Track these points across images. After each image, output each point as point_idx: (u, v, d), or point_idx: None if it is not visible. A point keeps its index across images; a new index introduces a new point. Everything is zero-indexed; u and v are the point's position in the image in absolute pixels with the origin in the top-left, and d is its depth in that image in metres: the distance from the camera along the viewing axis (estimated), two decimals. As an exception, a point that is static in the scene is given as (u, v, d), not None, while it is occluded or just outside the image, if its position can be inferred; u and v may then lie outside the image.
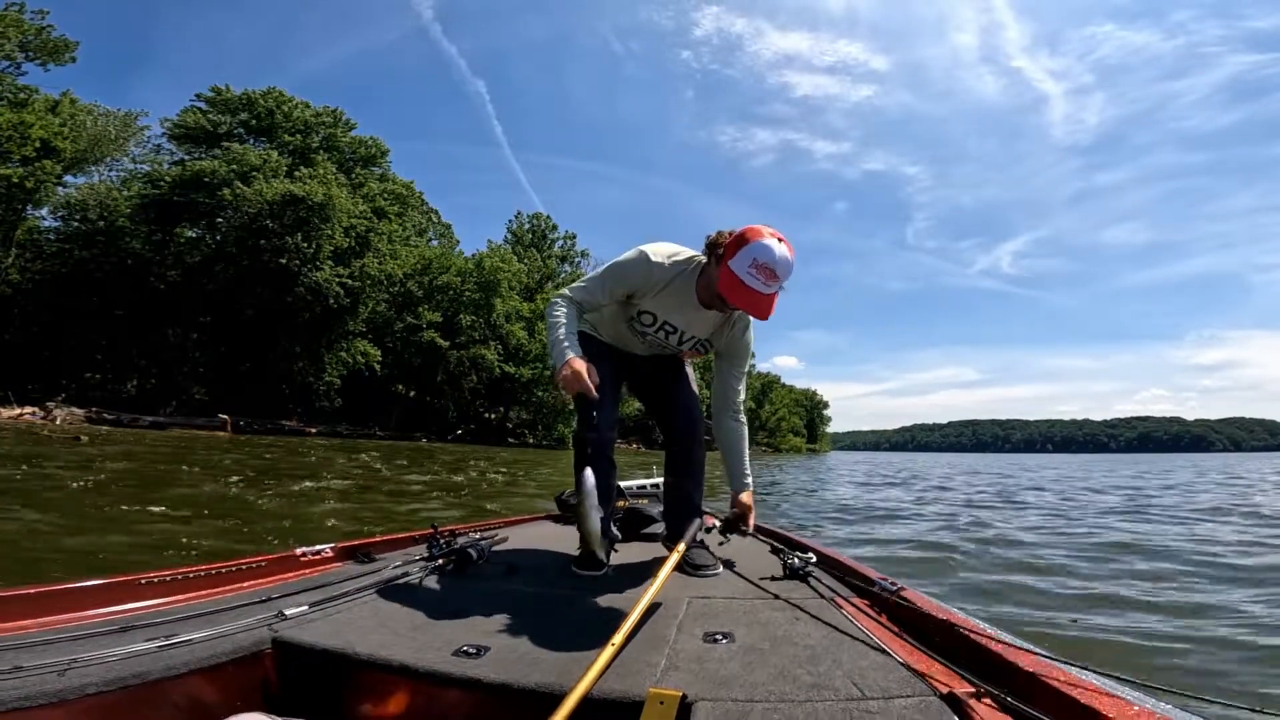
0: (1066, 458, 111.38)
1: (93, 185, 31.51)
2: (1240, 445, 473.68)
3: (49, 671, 0.99)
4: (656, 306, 2.04)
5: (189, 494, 6.71)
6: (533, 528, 2.97)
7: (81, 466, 8.42)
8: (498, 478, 12.24)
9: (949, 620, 1.26)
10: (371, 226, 36.77)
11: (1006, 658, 1.04)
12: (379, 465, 13.18)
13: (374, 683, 1.18)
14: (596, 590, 1.73)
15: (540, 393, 43.08)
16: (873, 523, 7.74)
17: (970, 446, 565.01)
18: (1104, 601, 3.83)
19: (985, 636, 1.15)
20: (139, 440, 15.97)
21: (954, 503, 10.70)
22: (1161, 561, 5.09)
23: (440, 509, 6.94)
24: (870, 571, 1.75)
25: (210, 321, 32.50)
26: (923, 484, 16.16)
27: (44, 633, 1.21)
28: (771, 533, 2.64)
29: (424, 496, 8.12)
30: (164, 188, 31.85)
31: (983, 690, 0.97)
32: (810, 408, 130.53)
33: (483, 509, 7.13)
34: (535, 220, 57.56)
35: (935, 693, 1.00)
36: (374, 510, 6.58)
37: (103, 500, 5.67)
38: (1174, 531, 6.83)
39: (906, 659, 1.15)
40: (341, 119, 41.01)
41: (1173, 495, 12.37)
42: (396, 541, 2.32)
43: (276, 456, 13.60)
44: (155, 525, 4.86)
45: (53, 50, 28.56)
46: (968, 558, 5.24)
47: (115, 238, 30.55)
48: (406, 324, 38.88)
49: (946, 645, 1.21)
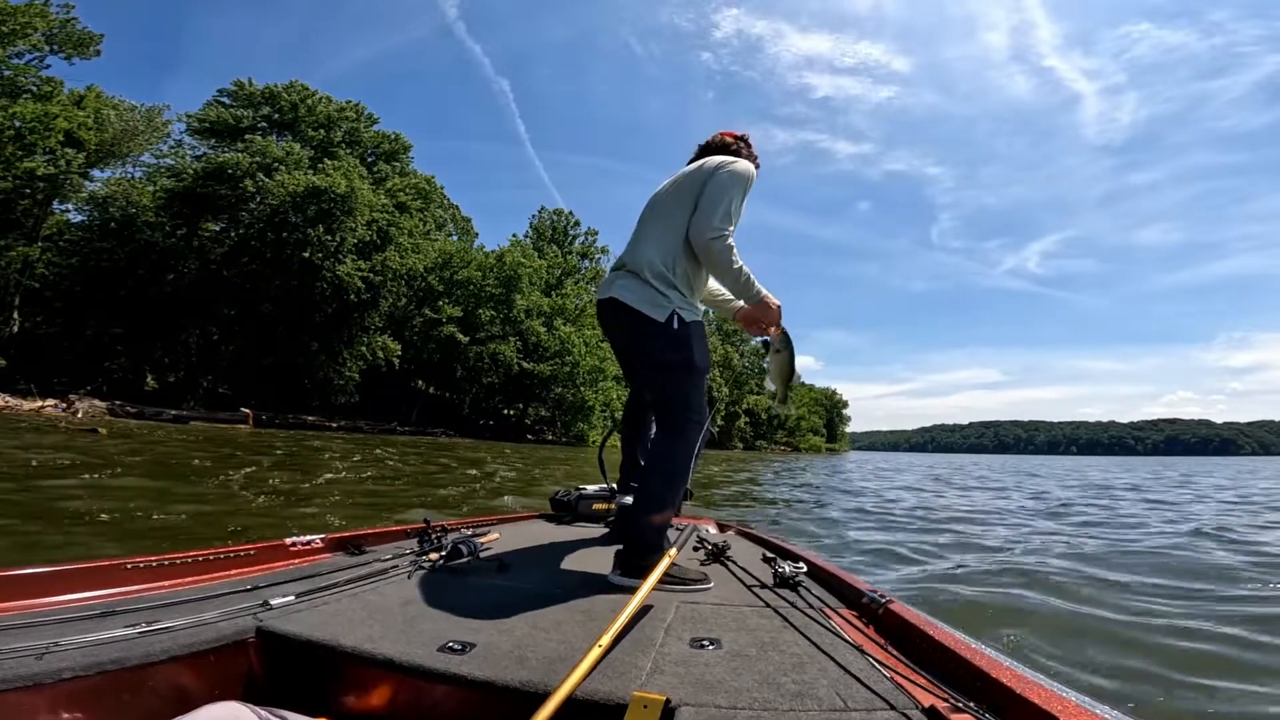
0: (1093, 460, 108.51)
1: (118, 180, 31.55)
2: (1270, 449, 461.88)
3: (26, 655, 0.98)
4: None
5: (190, 492, 6.16)
6: (525, 526, 2.92)
7: (86, 465, 7.93)
8: (515, 473, 11.62)
9: (934, 634, 1.23)
10: (393, 220, 36.59)
11: (989, 673, 1.02)
12: (397, 461, 12.64)
13: (359, 676, 1.17)
14: (585, 590, 1.70)
15: (559, 389, 42.67)
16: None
17: (992, 448, 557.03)
18: None
19: (969, 651, 1.13)
20: (153, 433, 15.67)
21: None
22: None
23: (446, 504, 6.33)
24: (860, 583, 1.70)
25: (232, 315, 32.45)
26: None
27: (23, 615, 1.19)
28: (763, 540, 2.63)
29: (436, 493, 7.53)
30: (187, 180, 31.80)
31: (962, 705, 0.97)
32: (830, 407, 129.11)
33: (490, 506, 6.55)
34: (558, 216, 57.28)
35: (917, 705, 1.00)
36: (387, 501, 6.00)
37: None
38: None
39: (891, 671, 1.14)
40: (364, 114, 40.91)
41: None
42: (387, 534, 2.27)
43: (296, 450, 13.17)
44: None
45: (78, 43, 28.55)
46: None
47: (139, 231, 30.55)
48: (426, 319, 38.64)
49: (932, 659, 1.19)
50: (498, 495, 7.78)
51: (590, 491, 3.15)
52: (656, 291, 1.90)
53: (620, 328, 2.00)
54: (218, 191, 31.24)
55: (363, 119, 40.82)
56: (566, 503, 3.14)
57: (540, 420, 44.48)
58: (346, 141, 39.52)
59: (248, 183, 31.10)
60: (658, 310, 1.88)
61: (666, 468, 1.89)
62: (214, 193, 31.24)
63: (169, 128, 33.62)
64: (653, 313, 1.89)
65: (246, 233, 32.50)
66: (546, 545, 2.38)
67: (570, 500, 3.13)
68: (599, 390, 44.55)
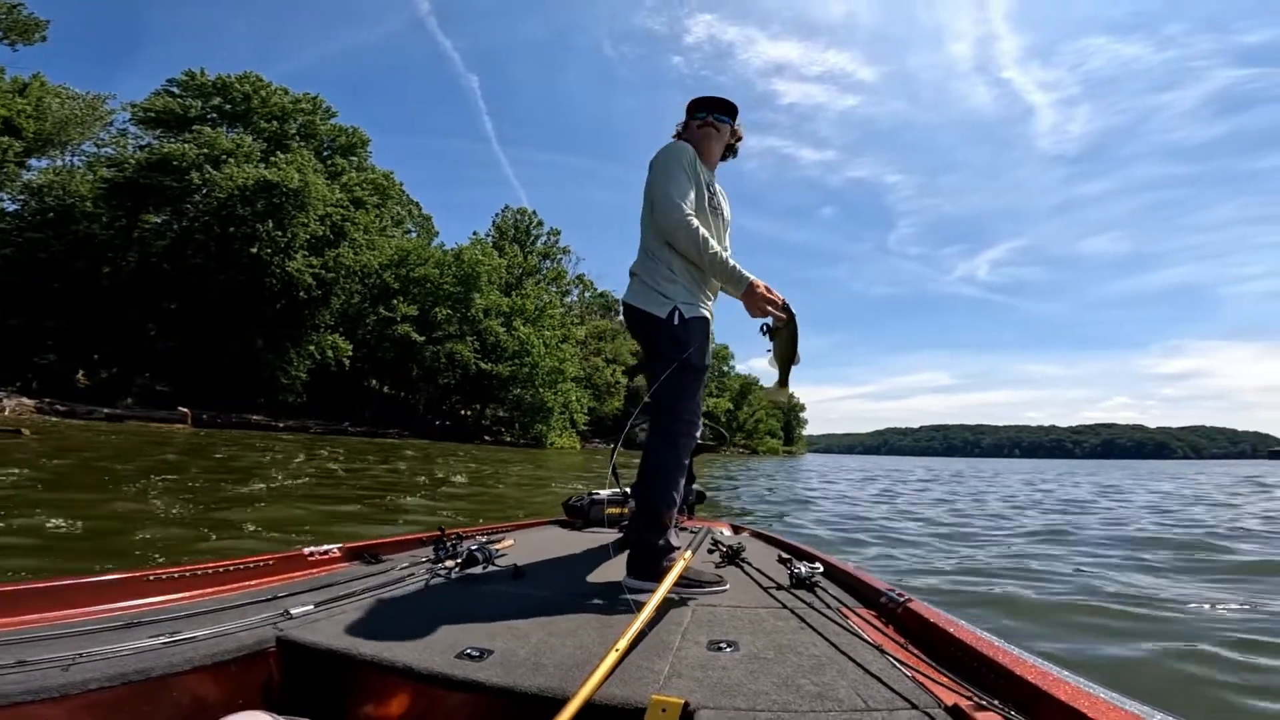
0: (1038, 463, 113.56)
1: (55, 169, 30.15)
2: (1201, 452, 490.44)
3: (53, 666, 1.00)
4: (709, 179, 2.10)
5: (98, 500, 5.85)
6: (539, 532, 2.94)
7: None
8: (469, 479, 11.75)
9: (955, 632, 1.24)
10: (348, 216, 35.94)
11: (1013, 670, 1.02)
12: (333, 465, 12.61)
13: (377, 684, 1.19)
14: (601, 596, 1.71)
15: (518, 391, 42.53)
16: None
17: (941, 451, 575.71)
18: None
19: (992, 648, 1.13)
20: (81, 433, 15.15)
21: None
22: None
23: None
24: (878, 582, 1.71)
25: (174, 310, 31.31)
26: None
27: (49, 627, 1.22)
28: (779, 541, 2.65)
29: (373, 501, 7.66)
30: (129, 170, 30.63)
31: (986, 703, 0.96)
32: (787, 410, 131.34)
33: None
34: (521, 215, 56.92)
35: (940, 704, 0.99)
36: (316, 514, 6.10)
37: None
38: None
39: (912, 671, 1.13)
40: (321, 107, 40.03)
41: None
42: (403, 543, 2.32)
43: (235, 452, 12.95)
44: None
45: (23, 30, 27.43)
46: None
47: (76, 222, 29.28)
48: (380, 317, 38.01)
49: (953, 657, 1.19)
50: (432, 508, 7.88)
51: (603, 496, 3.16)
52: (657, 289, 1.95)
53: (636, 331, 2.05)
54: (161, 183, 30.19)
55: (319, 112, 39.92)
56: (580, 508, 3.15)
57: (498, 421, 44.20)
58: (301, 134, 38.60)
59: (194, 175, 30.17)
60: (660, 307, 1.93)
61: (659, 469, 1.90)
62: (157, 184, 30.18)
63: (113, 117, 32.34)
64: (656, 310, 1.94)
65: (190, 226, 31.42)
66: (561, 551, 2.40)
67: (583, 506, 3.14)
68: (558, 392, 44.60)
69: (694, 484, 3.35)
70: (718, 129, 2.12)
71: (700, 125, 2.12)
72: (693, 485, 3.33)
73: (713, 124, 2.11)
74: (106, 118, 31.97)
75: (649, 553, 1.83)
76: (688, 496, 3.28)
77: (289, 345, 32.95)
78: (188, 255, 30.95)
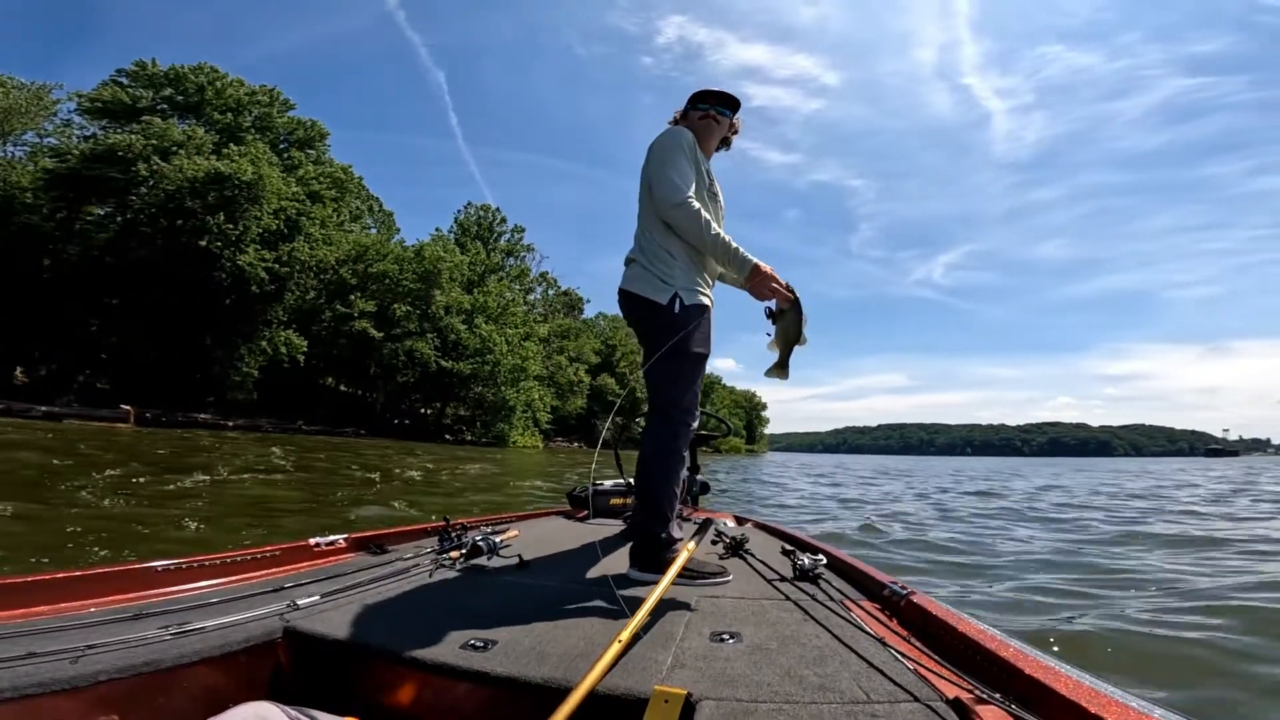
0: (989, 461, 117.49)
1: (-8, 157, 28.88)
2: (1141, 450, 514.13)
3: (62, 658, 1.00)
4: (707, 167, 2.13)
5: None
6: (543, 523, 2.99)
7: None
8: (422, 475, 12.01)
9: (958, 626, 1.25)
10: (304, 210, 35.23)
11: (1015, 664, 1.03)
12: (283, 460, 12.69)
13: (384, 674, 1.20)
14: (605, 586, 1.73)
15: (479, 389, 42.37)
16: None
17: (898, 449, 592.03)
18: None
19: (995, 642, 1.14)
20: (15, 433, 14.79)
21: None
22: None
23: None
24: (881, 575, 1.73)
25: (117, 305, 30.31)
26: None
27: (58, 619, 1.22)
28: (782, 533, 2.65)
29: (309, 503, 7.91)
30: (72, 161, 29.56)
31: (988, 696, 0.97)
32: (750, 409, 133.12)
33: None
34: (484, 212, 56.53)
35: (941, 697, 1.00)
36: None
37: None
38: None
39: (914, 663, 1.15)
40: (278, 99, 39.14)
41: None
42: (409, 534, 2.36)
43: (178, 451, 12.89)
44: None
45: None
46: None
47: (15, 213, 28.14)
48: (336, 313, 37.44)
49: (955, 650, 1.21)
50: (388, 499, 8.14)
51: (607, 487, 3.18)
52: (657, 275, 1.94)
53: (634, 319, 2.03)
54: (106, 174, 29.22)
55: (276, 104, 39.00)
56: (584, 499, 3.19)
57: (459, 420, 43.92)
58: (257, 127, 37.69)
59: (141, 166, 29.27)
60: (661, 293, 1.92)
61: (659, 458, 1.91)
62: (101, 175, 29.19)
63: (57, 107, 31.10)
64: (655, 296, 1.92)
65: (135, 218, 30.47)
66: (565, 542, 2.42)
67: (588, 496, 3.18)
68: (520, 390, 44.57)
69: (698, 475, 3.48)
70: (719, 122, 2.14)
71: (702, 117, 2.13)
72: (697, 476, 3.46)
73: (714, 117, 2.13)
74: (52, 108, 30.79)
75: (652, 543, 1.84)
76: (692, 487, 3.39)
77: (239, 341, 32.24)
78: (132, 248, 29.97)
